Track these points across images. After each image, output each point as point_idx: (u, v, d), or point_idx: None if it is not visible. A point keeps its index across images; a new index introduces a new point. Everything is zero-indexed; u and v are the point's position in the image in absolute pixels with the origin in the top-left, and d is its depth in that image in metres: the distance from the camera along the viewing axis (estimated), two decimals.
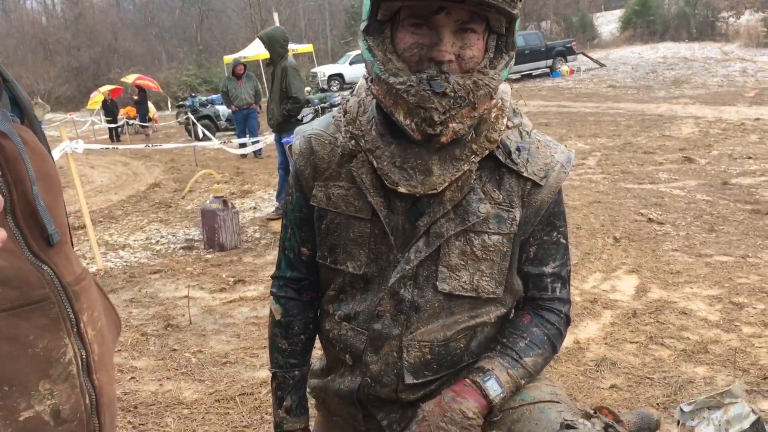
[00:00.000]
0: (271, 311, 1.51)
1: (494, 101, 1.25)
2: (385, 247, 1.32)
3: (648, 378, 3.30)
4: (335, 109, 1.44)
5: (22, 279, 0.78)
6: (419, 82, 1.15)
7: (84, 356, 0.85)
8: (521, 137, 1.34)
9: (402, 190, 1.25)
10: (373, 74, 1.23)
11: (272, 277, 1.54)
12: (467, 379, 1.31)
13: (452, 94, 1.16)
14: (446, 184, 1.25)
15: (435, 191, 1.25)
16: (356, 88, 1.41)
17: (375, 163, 1.28)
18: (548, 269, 1.39)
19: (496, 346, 1.37)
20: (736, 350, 3.51)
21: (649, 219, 6.22)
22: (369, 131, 1.30)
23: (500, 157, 1.30)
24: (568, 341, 3.74)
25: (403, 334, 1.33)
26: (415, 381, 1.34)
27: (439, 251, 1.29)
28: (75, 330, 0.84)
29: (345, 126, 1.35)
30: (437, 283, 1.30)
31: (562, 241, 1.40)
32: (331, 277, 1.42)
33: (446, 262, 1.30)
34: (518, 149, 1.32)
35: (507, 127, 1.33)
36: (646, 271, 4.85)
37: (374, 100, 1.31)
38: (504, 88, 1.32)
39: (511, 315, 1.45)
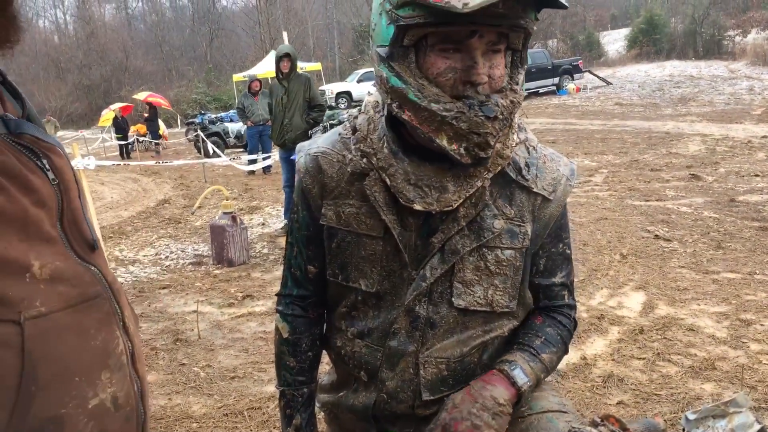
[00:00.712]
0: (277, 329, 1.51)
1: (521, 105, 1.29)
2: (398, 264, 1.33)
3: (655, 394, 3.30)
4: (340, 126, 1.45)
5: (79, 278, 0.84)
6: (470, 108, 1.16)
7: (130, 348, 0.91)
8: (528, 153, 1.37)
9: (418, 207, 1.27)
10: (406, 101, 1.20)
11: (277, 294, 1.54)
12: (494, 369, 1.34)
13: (501, 116, 1.19)
14: (461, 200, 1.27)
15: (450, 208, 1.27)
16: (363, 105, 1.42)
17: (388, 181, 1.29)
18: (557, 279, 1.44)
19: (514, 345, 1.40)
20: (744, 367, 3.51)
21: (656, 236, 6.23)
22: (381, 149, 1.31)
23: (511, 174, 1.33)
24: (575, 357, 3.76)
25: (419, 350, 1.35)
26: (432, 397, 1.36)
27: (453, 267, 1.31)
28: (122, 324, 0.90)
29: (355, 144, 1.36)
30: (452, 299, 1.32)
31: (567, 251, 1.44)
32: (342, 294, 1.43)
33: (461, 278, 1.32)
34: (527, 165, 1.35)
35: (515, 143, 1.36)
36: (653, 287, 4.85)
37: (383, 118, 1.33)
38: (523, 77, 1.33)
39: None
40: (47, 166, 0.86)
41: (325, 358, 1.55)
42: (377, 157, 1.31)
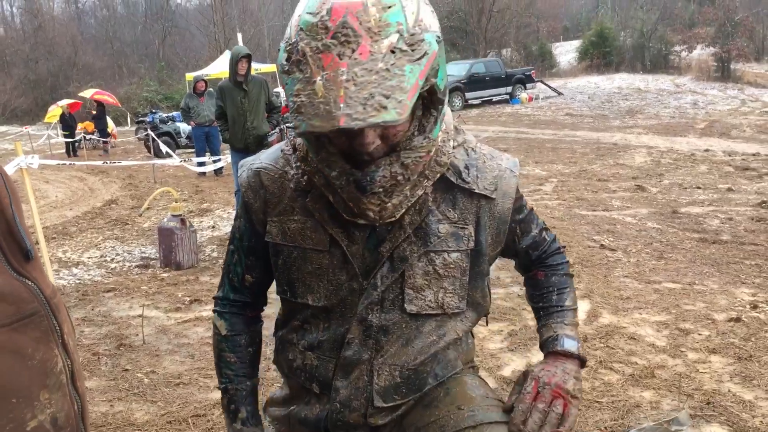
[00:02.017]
0: (215, 327, 1.53)
1: (434, 152, 1.30)
2: (345, 276, 1.35)
3: (597, 402, 3.38)
4: (284, 141, 1.46)
5: (16, 294, 0.82)
6: (348, 184, 1.21)
7: (69, 366, 0.89)
8: (468, 154, 1.41)
9: (362, 221, 1.29)
10: (310, 158, 1.29)
11: (214, 297, 1.56)
12: (550, 353, 1.44)
13: (380, 190, 1.21)
14: (403, 210, 1.30)
15: (393, 219, 1.30)
16: None
17: (331, 198, 1.31)
18: (534, 231, 1.56)
19: (539, 312, 1.55)
20: (682, 375, 3.62)
21: (602, 245, 6.38)
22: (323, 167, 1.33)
23: (452, 179, 1.36)
24: (520, 365, 3.82)
25: (373, 357, 1.37)
26: (384, 404, 1.38)
27: (403, 274, 1.34)
28: (60, 341, 0.88)
29: (296, 162, 1.38)
30: (404, 305, 1.35)
31: (529, 207, 1.56)
32: (293, 310, 1.45)
33: (411, 284, 1.35)
34: (467, 167, 1.39)
35: (453, 147, 1.39)
36: (597, 296, 4.96)
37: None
38: (444, 110, 1.32)
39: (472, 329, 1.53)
40: None
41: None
42: (318, 175, 1.32)
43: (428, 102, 1.24)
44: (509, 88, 28.00)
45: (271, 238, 1.40)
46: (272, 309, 1.56)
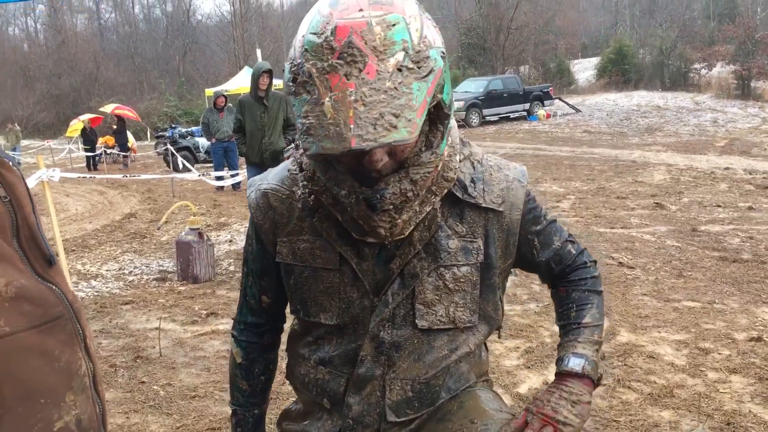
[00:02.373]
0: (231, 353, 1.55)
1: (440, 166, 1.29)
2: (356, 294, 1.35)
3: (615, 421, 3.34)
4: (289, 161, 1.46)
5: (43, 297, 0.84)
6: (358, 203, 1.21)
7: (92, 369, 0.91)
8: (474, 168, 1.40)
9: (371, 240, 1.30)
10: (318, 177, 1.29)
11: (233, 319, 1.58)
12: (557, 374, 1.41)
13: (390, 207, 1.21)
14: (412, 227, 1.30)
15: (402, 236, 1.30)
16: None
17: (339, 216, 1.31)
18: (556, 244, 1.49)
19: (561, 331, 1.50)
20: (701, 395, 3.57)
21: (620, 263, 6.33)
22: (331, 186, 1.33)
23: (458, 194, 1.36)
24: (537, 382, 3.78)
25: (385, 373, 1.37)
26: (396, 419, 1.37)
27: (414, 290, 1.34)
28: (83, 344, 0.89)
29: (303, 182, 1.37)
30: (416, 320, 1.35)
31: (549, 218, 1.50)
32: (308, 327, 1.46)
33: (422, 300, 1.34)
34: (473, 181, 1.38)
35: (459, 161, 1.38)
36: (615, 314, 4.92)
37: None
38: (450, 124, 1.33)
39: (486, 342, 1.53)
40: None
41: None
42: (326, 195, 1.32)
43: (434, 117, 1.24)
44: (527, 105, 28.02)
45: (282, 259, 1.41)
46: (285, 322, 1.57)
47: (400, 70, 1.08)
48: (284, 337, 1.60)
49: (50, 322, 0.84)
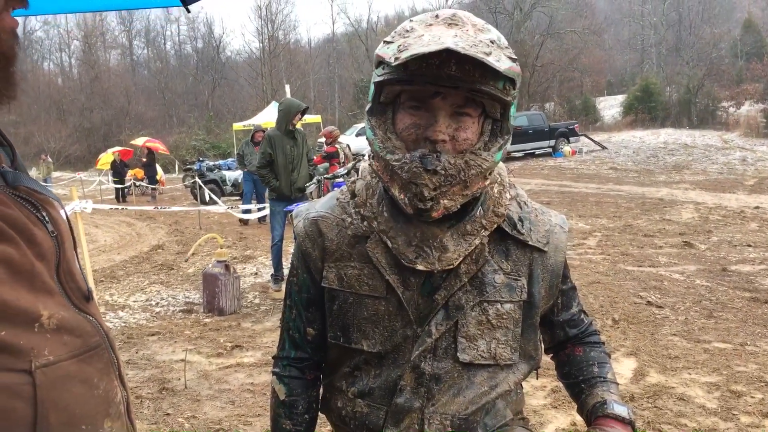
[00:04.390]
0: (273, 391, 1.51)
1: (488, 181, 1.32)
2: (400, 323, 1.35)
3: None
4: (338, 190, 1.49)
5: (82, 328, 0.87)
6: (412, 160, 1.23)
7: (126, 397, 0.93)
8: (521, 208, 1.43)
9: (420, 267, 1.30)
10: (374, 151, 1.31)
11: (274, 357, 1.55)
12: (601, 416, 1.41)
13: (443, 172, 1.23)
14: (461, 258, 1.31)
15: (452, 266, 1.31)
16: (361, 171, 1.47)
17: (390, 243, 1.33)
18: (575, 309, 1.55)
19: (580, 385, 1.51)
20: None
21: (648, 302, 6.24)
22: (381, 213, 1.35)
23: (507, 229, 1.38)
24: (564, 423, 3.72)
25: (424, 406, 1.35)
26: None
27: (457, 323, 1.34)
28: (118, 373, 0.92)
29: (355, 208, 1.40)
30: (457, 353, 1.34)
31: (573, 283, 1.56)
32: (344, 356, 1.44)
33: (465, 333, 1.34)
34: (521, 219, 1.40)
35: (508, 200, 1.42)
36: (644, 354, 4.84)
37: (381, 183, 1.38)
38: (500, 164, 1.42)
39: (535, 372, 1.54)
40: (46, 218, 0.88)
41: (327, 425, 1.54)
42: (378, 220, 1.35)
43: (496, 128, 1.30)
44: (552, 142, 27.99)
45: (328, 284, 1.41)
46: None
47: (492, 42, 1.21)
48: None
49: (89, 351, 0.87)
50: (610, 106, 43.08)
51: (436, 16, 1.25)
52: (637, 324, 5.59)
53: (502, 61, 1.18)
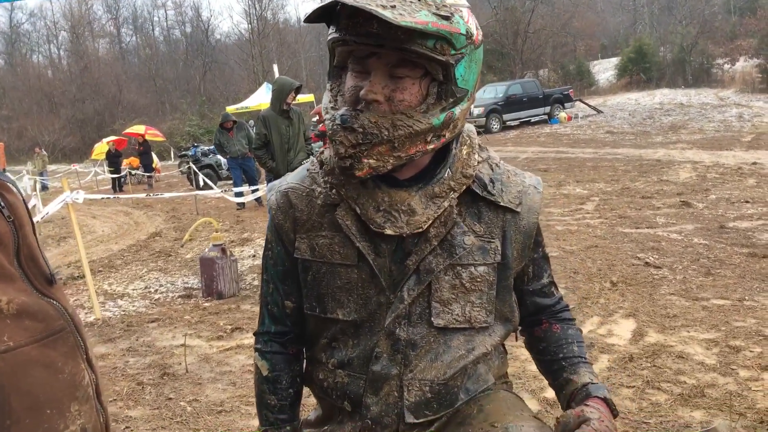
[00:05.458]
0: (256, 368, 1.51)
1: (431, 145, 1.29)
2: (374, 290, 1.35)
3: (645, 423, 3.27)
4: (308, 161, 1.49)
5: (44, 312, 0.87)
6: (333, 118, 1.25)
7: (94, 379, 0.93)
8: (492, 170, 1.42)
9: (389, 232, 1.31)
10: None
11: (255, 333, 1.55)
12: (596, 398, 1.38)
13: (360, 129, 1.22)
14: (430, 221, 1.31)
15: (420, 230, 1.31)
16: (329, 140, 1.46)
17: (358, 210, 1.32)
18: (545, 280, 1.54)
19: (560, 362, 1.50)
20: (733, 394, 3.49)
21: (646, 263, 6.24)
22: (348, 180, 1.34)
23: (477, 191, 1.37)
24: None
25: (402, 373, 1.36)
26: (415, 420, 1.36)
27: (430, 288, 1.34)
28: (85, 356, 0.92)
29: (324, 177, 1.40)
30: (432, 318, 1.34)
31: (545, 252, 1.54)
32: (321, 327, 1.44)
33: (438, 297, 1.34)
34: (492, 181, 1.40)
35: (477, 162, 1.40)
36: (642, 315, 4.84)
37: None
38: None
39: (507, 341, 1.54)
40: (2, 203, 0.86)
41: (310, 396, 1.53)
42: (345, 187, 1.35)
43: (441, 91, 1.27)
44: (547, 109, 27.86)
45: (300, 254, 1.41)
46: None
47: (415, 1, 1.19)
48: None
49: (52, 335, 0.86)
50: (605, 70, 42.83)
51: None
52: (635, 285, 5.60)
53: (412, 15, 1.14)
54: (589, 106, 29.88)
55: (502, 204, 1.38)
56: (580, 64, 41.51)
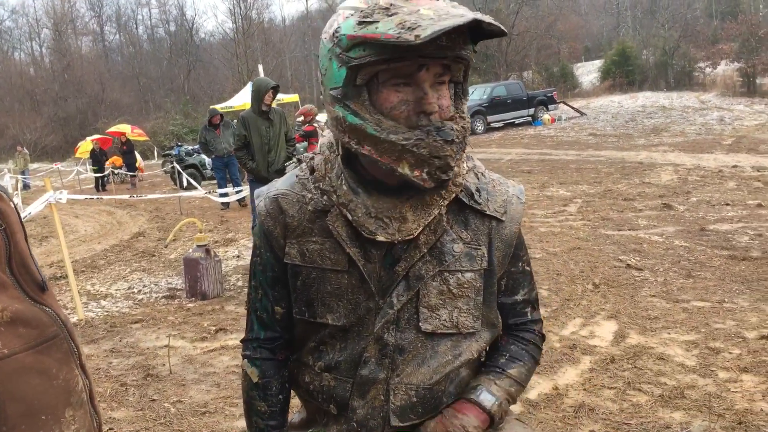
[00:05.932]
0: (246, 375, 1.52)
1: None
2: (363, 295, 1.36)
3: (626, 424, 3.32)
4: (296, 168, 1.49)
5: (37, 319, 0.88)
6: (428, 135, 1.23)
7: (88, 385, 0.94)
8: (478, 179, 1.45)
9: (380, 238, 1.32)
10: (365, 136, 1.25)
11: (243, 340, 1.55)
12: (462, 399, 1.40)
13: (458, 140, 1.26)
14: (420, 228, 1.33)
15: (411, 237, 1.33)
16: (319, 147, 1.47)
17: (350, 216, 1.33)
18: (519, 297, 1.51)
19: (481, 368, 1.49)
20: (712, 395, 3.55)
21: (628, 265, 6.30)
22: (340, 186, 1.35)
23: (464, 199, 1.39)
24: (546, 387, 3.77)
25: (389, 377, 1.37)
26: (400, 424, 1.38)
27: (418, 294, 1.36)
28: (78, 362, 0.93)
29: (314, 183, 1.40)
30: (419, 323, 1.36)
31: (527, 268, 1.52)
32: (309, 331, 1.45)
33: (426, 303, 1.36)
34: (478, 190, 1.42)
35: (464, 171, 1.43)
36: (624, 316, 4.90)
37: (339, 157, 1.38)
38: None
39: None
40: None
41: (294, 398, 1.55)
42: (337, 194, 1.36)
43: (458, 90, 1.32)
44: (531, 110, 28.01)
45: (290, 260, 1.41)
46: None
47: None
48: None
49: (46, 342, 0.87)
50: (588, 72, 43.14)
51: None
52: (617, 287, 5.66)
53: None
54: (573, 108, 30.08)
55: (488, 213, 1.41)
56: (563, 67, 41.78)
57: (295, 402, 1.61)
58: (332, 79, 1.28)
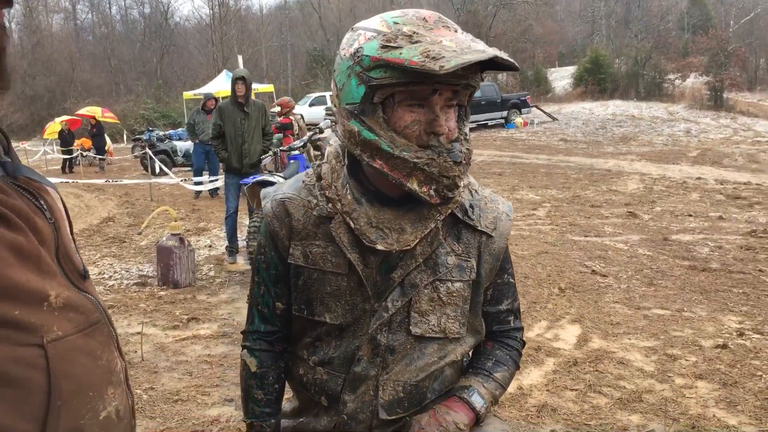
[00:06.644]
0: (245, 363, 1.61)
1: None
2: (360, 298, 1.47)
3: (585, 425, 3.47)
4: (303, 173, 1.58)
5: (84, 306, 0.95)
6: (439, 155, 1.34)
7: (124, 366, 1.03)
8: (471, 195, 1.55)
9: (380, 247, 1.41)
10: (378, 151, 1.34)
11: (243, 332, 1.65)
12: (455, 396, 1.51)
13: (464, 161, 1.37)
14: (417, 240, 1.43)
15: (409, 248, 1.43)
16: (326, 155, 1.56)
17: (352, 224, 1.43)
18: (503, 306, 1.62)
19: (468, 369, 1.59)
20: (668, 400, 3.72)
21: (593, 271, 6.49)
22: (345, 195, 1.45)
23: (458, 215, 1.50)
24: (512, 387, 3.90)
25: (379, 374, 1.48)
26: (388, 417, 1.49)
27: (410, 299, 1.46)
28: (116, 345, 1.01)
29: (320, 190, 1.50)
30: (410, 327, 1.47)
31: (511, 280, 1.63)
32: (307, 327, 1.55)
33: (418, 309, 1.47)
34: (471, 206, 1.53)
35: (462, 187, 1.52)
36: (588, 321, 5.07)
37: (345, 167, 1.48)
38: None
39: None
40: (44, 206, 0.95)
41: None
42: (341, 202, 1.45)
43: (462, 113, 1.43)
44: (504, 113, 28.28)
45: (294, 260, 1.51)
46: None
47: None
48: None
49: (91, 326, 0.95)
50: (561, 78, 43.61)
51: (425, 19, 1.32)
52: (582, 292, 5.83)
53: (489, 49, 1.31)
54: (545, 113, 30.43)
55: (479, 228, 1.52)
56: (538, 71, 42.17)
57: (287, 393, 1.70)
58: (350, 94, 1.37)
